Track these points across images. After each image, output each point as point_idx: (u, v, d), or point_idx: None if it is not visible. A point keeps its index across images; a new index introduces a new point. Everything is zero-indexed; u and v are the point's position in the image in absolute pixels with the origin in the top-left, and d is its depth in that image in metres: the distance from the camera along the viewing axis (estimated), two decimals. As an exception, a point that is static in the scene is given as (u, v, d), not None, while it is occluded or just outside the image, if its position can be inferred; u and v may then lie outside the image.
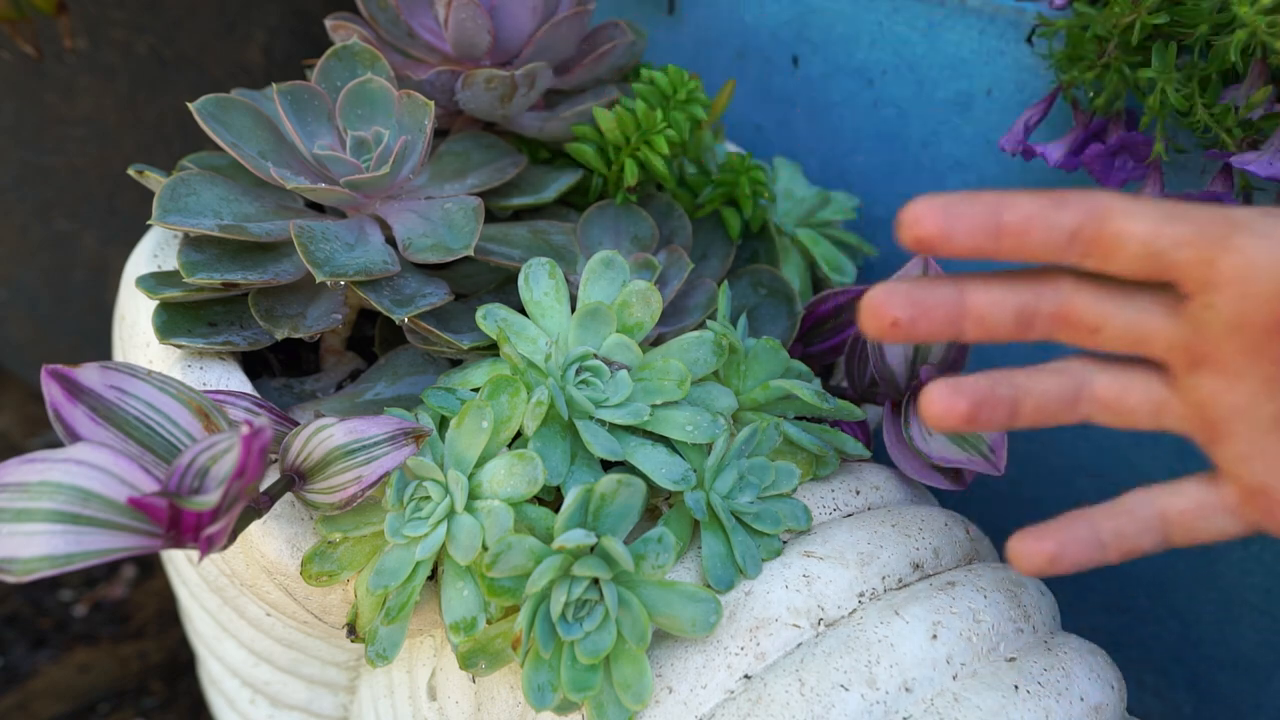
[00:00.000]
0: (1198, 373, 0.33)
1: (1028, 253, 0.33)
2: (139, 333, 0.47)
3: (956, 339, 0.35)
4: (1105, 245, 0.33)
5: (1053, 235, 0.33)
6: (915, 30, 0.59)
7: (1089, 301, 0.34)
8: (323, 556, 0.40)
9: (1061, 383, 0.36)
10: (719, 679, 0.37)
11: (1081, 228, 0.33)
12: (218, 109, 0.45)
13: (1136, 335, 0.34)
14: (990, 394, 0.36)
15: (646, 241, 0.51)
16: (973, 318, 0.35)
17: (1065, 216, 0.33)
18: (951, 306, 0.35)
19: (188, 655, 0.86)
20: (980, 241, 0.33)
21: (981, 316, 0.35)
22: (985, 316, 0.35)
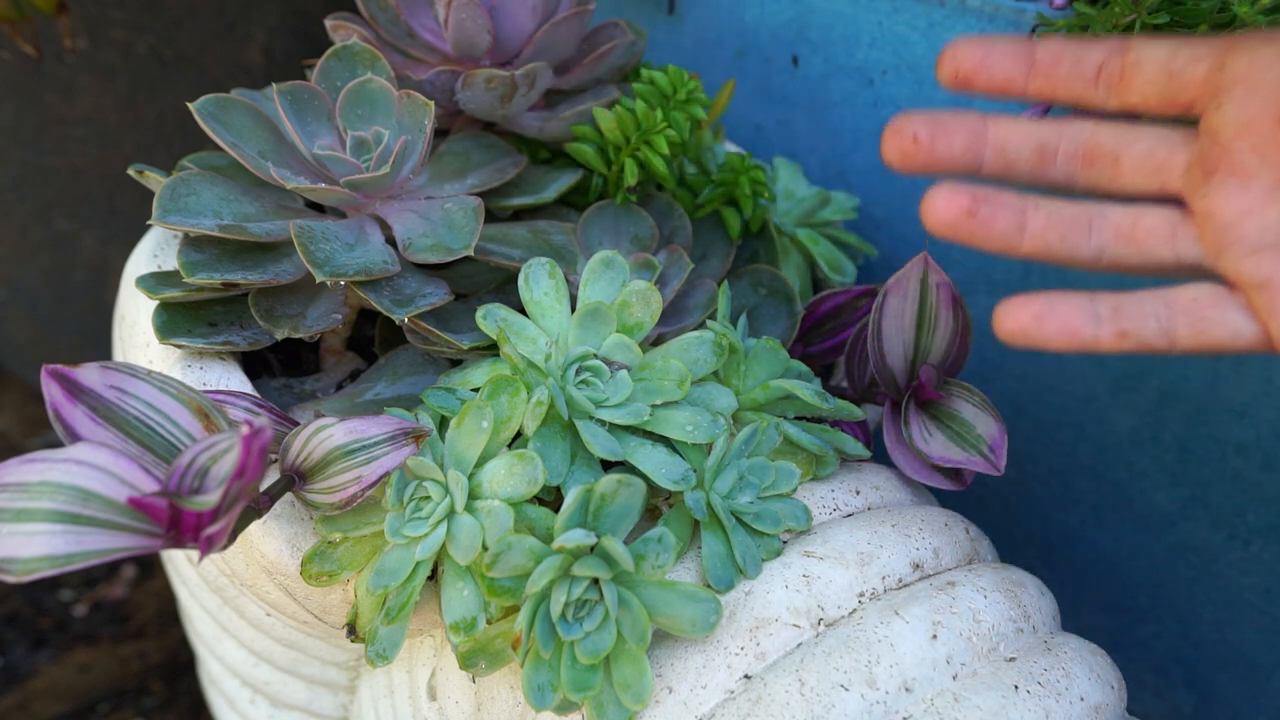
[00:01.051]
0: (1212, 180, 0.34)
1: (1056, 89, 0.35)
2: (139, 333, 0.47)
3: (973, 168, 0.36)
4: (1127, 74, 0.34)
5: (1079, 69, 0.34)
6: (915, 30, 0.59)
7: (1111, 134, 0.35)
8: (323, 556, 0.40)
9: (1077, 205, 0.36)
10: (719, 679, 0.37)
11: (1107, 60, 0.34)
12: (218, 109, 0.45)
13: (1156, 161, 0.35)
14: (996, 195, 0.36)
15: (646, 241, 0.51)
16: (994, 146, 0.36)
17: (1092, 52, 0.34)
18: (973, 132, 0.36)
19: (188, 655, 0.86)
20: (1012, 75, 0.35)
21: (1003, 146, 0.36)
22: (1006, 147, 0.36)
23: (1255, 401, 0.55)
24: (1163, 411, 0.59)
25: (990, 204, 0.35)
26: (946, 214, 0.35)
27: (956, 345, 0.48)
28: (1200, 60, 0.33)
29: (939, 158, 0.35)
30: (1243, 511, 0.59)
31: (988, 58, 0.34)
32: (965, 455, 0.45)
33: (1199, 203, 0.35)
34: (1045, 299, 0.36)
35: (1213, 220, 0.35)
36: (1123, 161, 0.36)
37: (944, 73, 0.35)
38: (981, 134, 0.36)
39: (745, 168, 0.53)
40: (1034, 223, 0.36)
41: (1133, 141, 0.35)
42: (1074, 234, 0.36)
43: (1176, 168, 0.35)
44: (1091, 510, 0.66)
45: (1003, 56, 0.34)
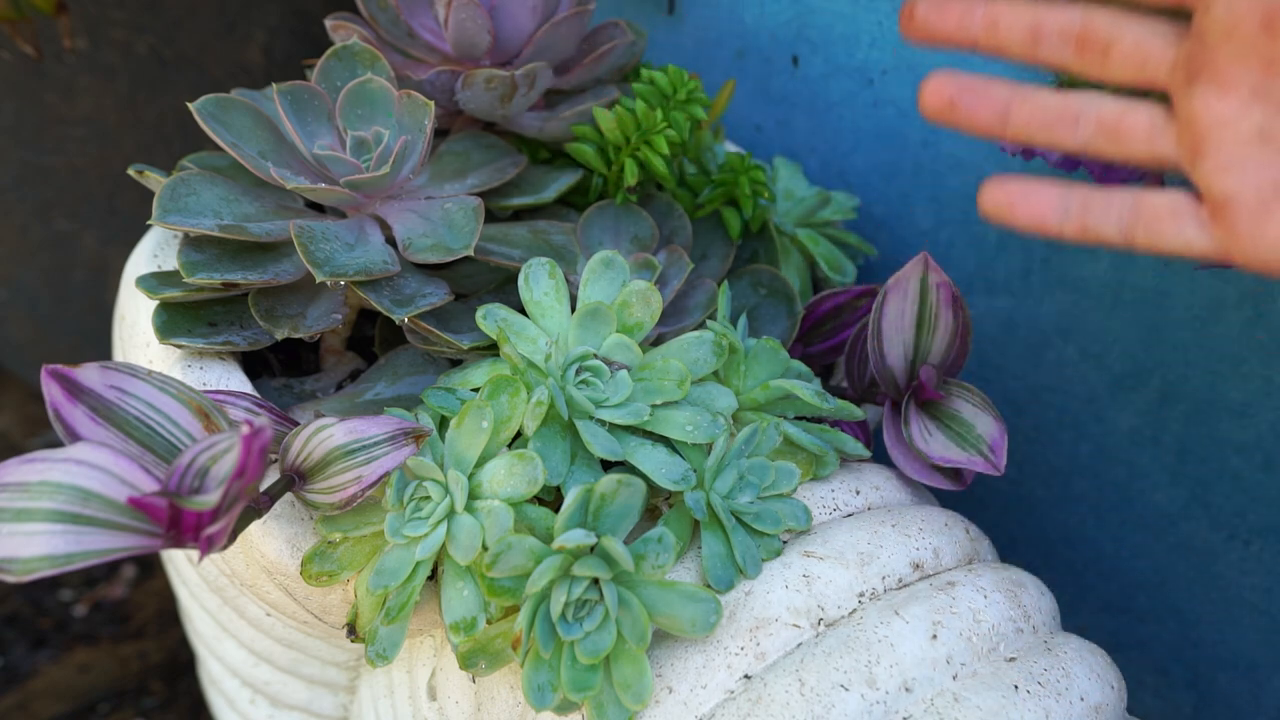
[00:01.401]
0: (1194, 85, 0.35)
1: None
2: (139, 333, 0.47)
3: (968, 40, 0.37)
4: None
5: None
6: (915, 30, 0.59)
7: (1105, 20, 0.36)
8: (323, 556, 0.40)
9: (1064, 100, 0.38)
10: (719, 679, 0.37)
11: None
12: (218, 109, 0.45)
13: (1144, 55, 0.36)
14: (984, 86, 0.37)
15: (646, 241, 0.51)
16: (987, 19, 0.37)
17: None
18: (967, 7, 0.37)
19: (188, 655, 0.86)
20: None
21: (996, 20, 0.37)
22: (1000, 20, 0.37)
23: (1255, 401, 0.55)
24: (1163, 411, 0.59)
25: (974, 94, 0.37)
26: (934, 100, 0.38)
27: (956, 345, 0.48)
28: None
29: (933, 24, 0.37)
30: (1243, 511, 0.59)
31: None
32: (965, 455, 0.45)
33: (1181, 105, 0.36)
34: (1025, 186, 0.38)
35: (1191, 126, 0.35)
36: (1112, 52, 0.36)
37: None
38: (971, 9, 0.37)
39: (745, 168, 0.53)
40: (1018, 113, 0.38)
41: (1124, 33, 0.36)
42: (1059, 127, 0.38)
43: (1164, 64, 0.36)
44: (1091, 510, 0.66)
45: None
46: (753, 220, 0.54)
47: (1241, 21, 0.33)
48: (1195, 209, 0.36)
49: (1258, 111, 0.34)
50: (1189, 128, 0.35)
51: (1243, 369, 0.55)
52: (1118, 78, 0.37)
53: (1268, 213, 0.34)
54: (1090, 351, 0.60)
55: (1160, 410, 0.59)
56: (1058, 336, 0.61)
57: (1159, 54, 0.36)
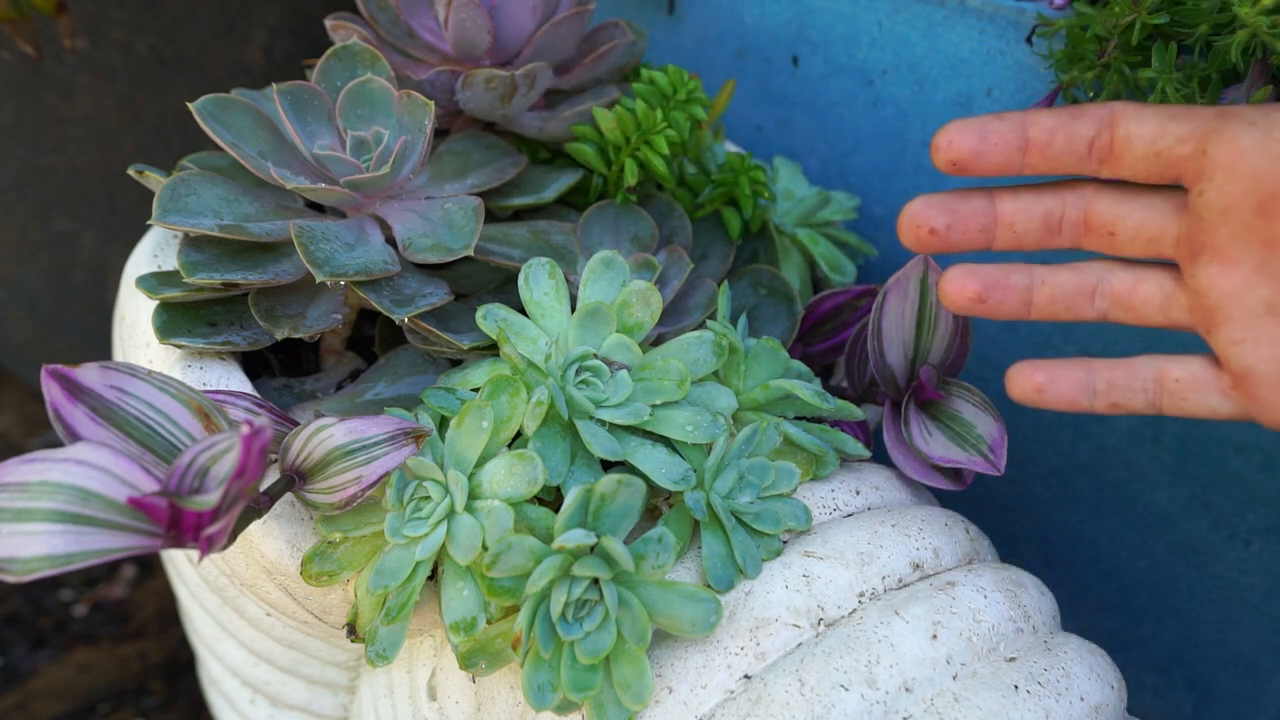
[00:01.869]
0: (1198, 261, 0.36)
1: (1051, 165, 0.36)
2: (139, 333, 0.47)
3: (987, 247, 0.38)
4: (1117, 149, 0.35)
5: (1073, 145, 0.35)
6: (915, 30, 0.59)
7: (1106, 204, 0.37)
8: (323, 556, 0.40)
9: (1079, 276, 0.39)
10: (719, 679, 0.37)
11: (1097, 135, 0.35)
12: (218, 109, 0.45)
13: (1148, 234, 0.37)
14: (1004, 279, 0.39)
15: (646, 241, 0.51)
16: (1004, 224, 0.38)
17: (1083, 126, 0.35)
18: (984, 215, 0.38)
19: (188, 655, 0.86)
20: (1009, 157, 0.36)
21: (1011, 223, 0.38)
22: (1015, 223, 0.38)
23: (1255, 401, 0.55)
24: (1163, 411, 0.59)
25: (998, 289, 0.39)
26: (960, 300, 0.39)
27: (956, 345, 0.48)
28: (1185, 142, 0.34)
29: (955, 244, 0.38)
30: (1243, 511, 0.59)
31: (984, 144, 0.35)
32: (965, 455, 0.45)
33: (1189, 279, 0.37)
34: (1049, 372, 0.40)
35: (1202, 299, 0.36)
36: (1118, 234, 0.37)
37: (940, 162, 0.36)
38: (991, 214, 0.38)
39: (745, 168, 0.53)
40: (1040, 298, 0.39)
41: (1127, 215, 0.37)
42: (1078, 303, 0.39)
43: (1169, 238, 0.37)
44: (1091, 510, 0.66)
45: (999, 142, 0.35)
46: (753, 220, 0.54)
47: (1236, 204, 0.34)
48: (1216, 379, 0.37)
49: (1263, 287, 0.34)
50: (1199, 300, 0.36)
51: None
52: (1128, 254, 0.38)
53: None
54: (1090, 352, 0.60)
55: (1160, 410, 0.59)
56: (1058, 336, 0.61)
57: (1163, 231, 0.36)
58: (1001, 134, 0.35)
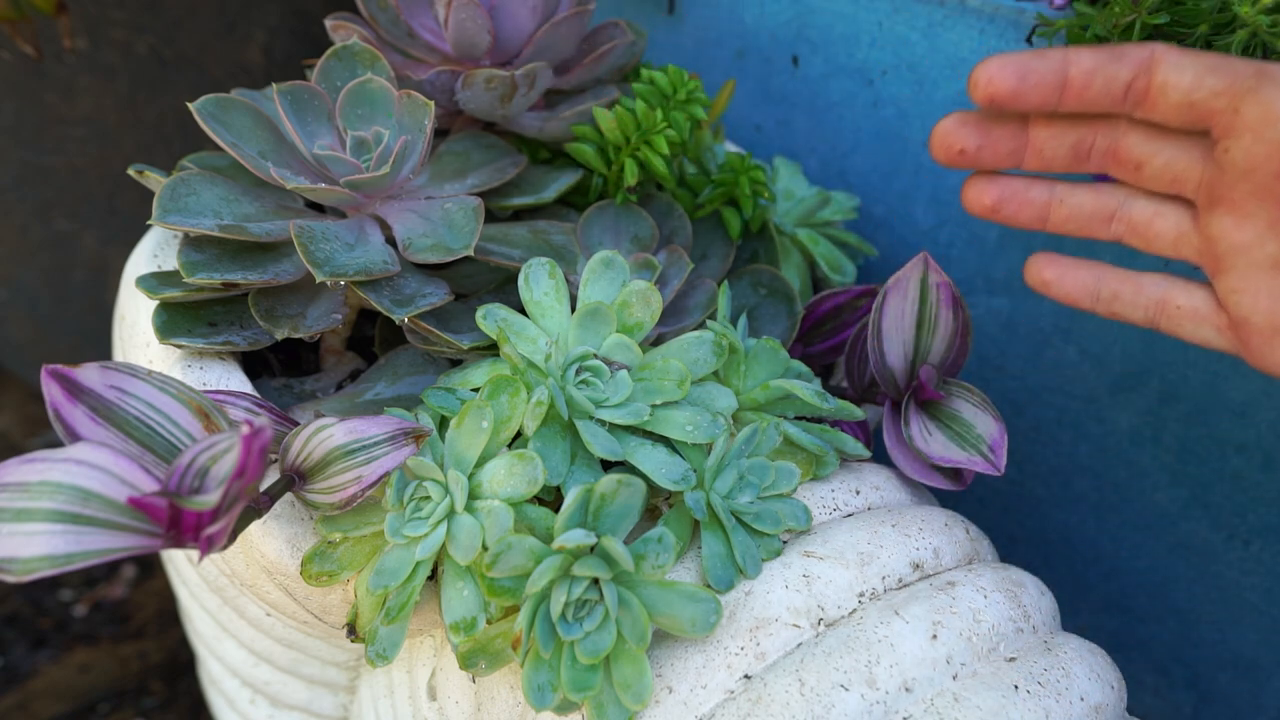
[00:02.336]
0: (1214, 211, 0.37)
1: (1088, 104, 0.37)
2: (139, 333, 0.47)
3: (1017, 166, 0.39)
4: (1153, 96, 0.36)
5: (1111, 87, 0.36)
6: (915, 30, 0.59)
7: (1137, 140, 0.38)
8: (323, 556, 0.40)
9: (1099, 199, 0.40)
10: (719, 679, 0.37)
11: (1135, 79, 0.36)
12: (218, 109, 0.45)
13: (1173, 174, 0.38)
14: (1023, 191, 0.40)
15: (646, 241, 0.51)
16: (1033, 149, 0.39)
17: (1122, 69, 0.36)
18: (1015, 139, 0.39)
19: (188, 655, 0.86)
20: (1046, 97, 0.36)
21: (1041, 149, 0.39)
22: (1045, 149, 0.39)
23: (1255, 401, 0.55)
24: (1163, 411, 0.59)
25: (1015, 200, 0.40)
26: (976, 206, 0.40)
27: (956, 345, 0.48)
28: (1219, 96, 0.35)
29: (983, 163, 0.39)
30: (1243, 511, 0.59)
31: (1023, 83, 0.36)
32: (965, 455, 0.45)
33: (1203, 224, 0.38)
34: (1063, 268, 0.41)
35: (1213, 245, 0.37)
36: (1144, 169, 0.38)
37: (978, 96, 0.36)
38: (1023, 138, 0.39)
39: (745, 168, 0.53)
40: (1057, 215, 0.40)
41: (1155, 153, 0.38)
42: (1094, 225, 0.40)
43: (1191, 181, 0.38)
44: (1091, 510, 0.66)
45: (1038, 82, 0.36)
46: (753, 220, 0.54)
47: (1259, 165, 0.34)
48: (1214, 316, 0.39)
49: (1272, 244, 0.36)
50: (1210, 244, 0.38)
51: (1243, 369, 0.55)
52: (1150, 189, 0.39)
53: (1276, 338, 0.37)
54: (1090, 351, 0.60)
55: (1160, 410, 0.59)
56: (1058, 336, 0.61)
57: (1187, 173, 0.37)
58: (1041, 74, 0.36)
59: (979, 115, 0.39)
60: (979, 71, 0.36)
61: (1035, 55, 0.36)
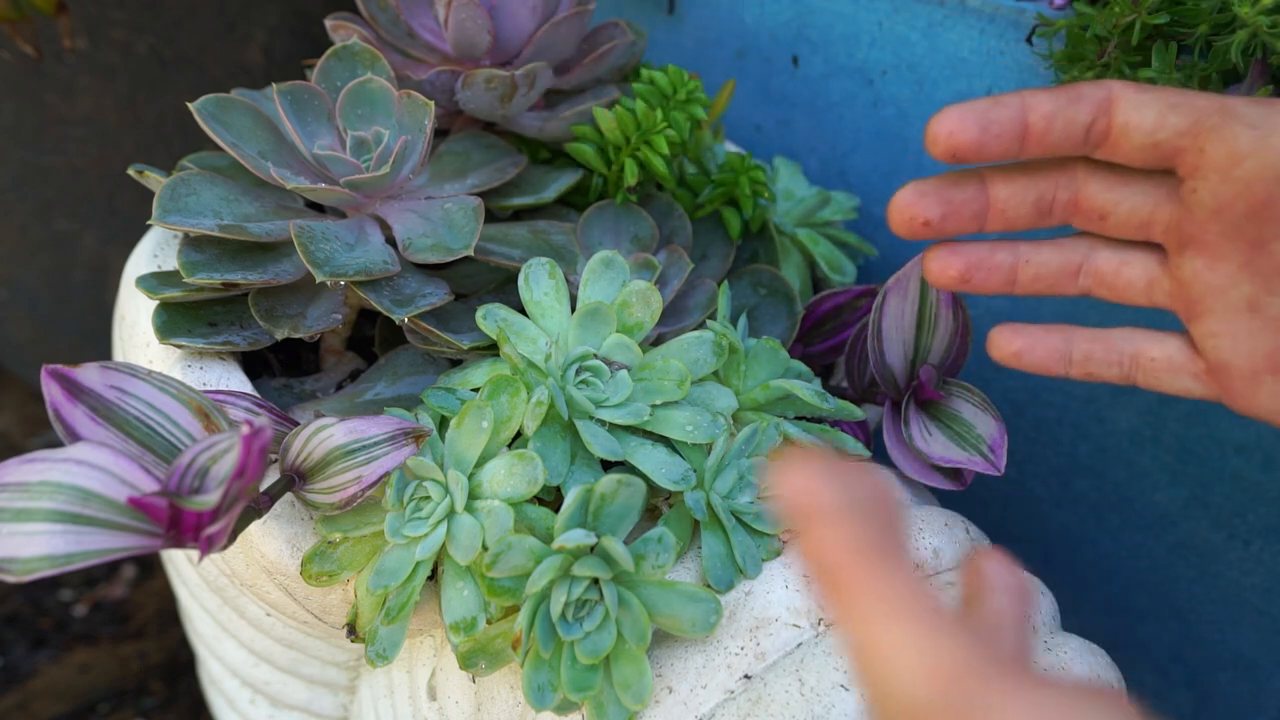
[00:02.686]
0: (1185, 253, 0.36)
1: (1049, 149, 0.35)
2: (139, 333, 0.47)
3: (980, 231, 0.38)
4: (1114, 137, 0.35)
5: (1071, 130, 0.35)
6: (915, 30, 0.59)
7: (1099, 189, 0.37)
8: (323, 556, 0.40)
9: (1064, 254, 0.39)
10: (719, 679, 0.37)
11: (1095, 120, 0.35)
12: (218, 109, 0.45)
13: (1139, 219, 0.37)
14: (988, 258, 0.38)
15: (646, 241, 0.51)
16: (995, 211, 0.37)
17: (1080, 111, 0.35)
18: (977, 202, 0.37)
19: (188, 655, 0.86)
20: (1008, 146, 0.35)
21: (1004, 209, 0.37)
22: (1007, 209, 0.38)
23: (1255, 401, 0.55)
24: (1163, 411, 0.59)
25: (982, 269, 0.39)
26: (942, 279, 0.39)
27: (956, 345, 0.48)
28: (1184, 136, 0.34)
29: (947, 232, 0.37)
30: (1243, 511, 0.58)
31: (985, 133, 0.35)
32: (965, 455, 0.45)
33: (1175, 267, 0.37)
34: (1028, 339, 0.40)
35: (1186, 289, 0.36)
36: (1109, 219, 0.37)
37: (939, 151, 0.35)
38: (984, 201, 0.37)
39: (745, 168, 0.53)
40: (1024, 276, 0.39)
41: (1119, 201, 0.37)
42: (1061, 282, 0.39)
43: (1159, 224, 0.37)
44: (1091, 510, 0.66)
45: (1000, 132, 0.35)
46: (753, 220, 0.54)
47: (1228, 205, 0.33)
48: (1191, 363, 0.38)
49: (1246, 284, 0.34)
50: (1183, 288, 0.36)
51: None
52: (1118, 236, 0.38)
53: (1259, 382, 0.35)
54: (1090, 351, 0.60)
55: (1160, 410, 0.59)
56: (1058, 336, 0.61)
57: (1153, 216, 0.36)
58: (1002, 124, 0.35)
59: (937, 183, 0.37)
60: (937, 126, 0.35)
61: (992, 103, 0.35)
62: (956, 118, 0.34)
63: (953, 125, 0.34)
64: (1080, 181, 0.37)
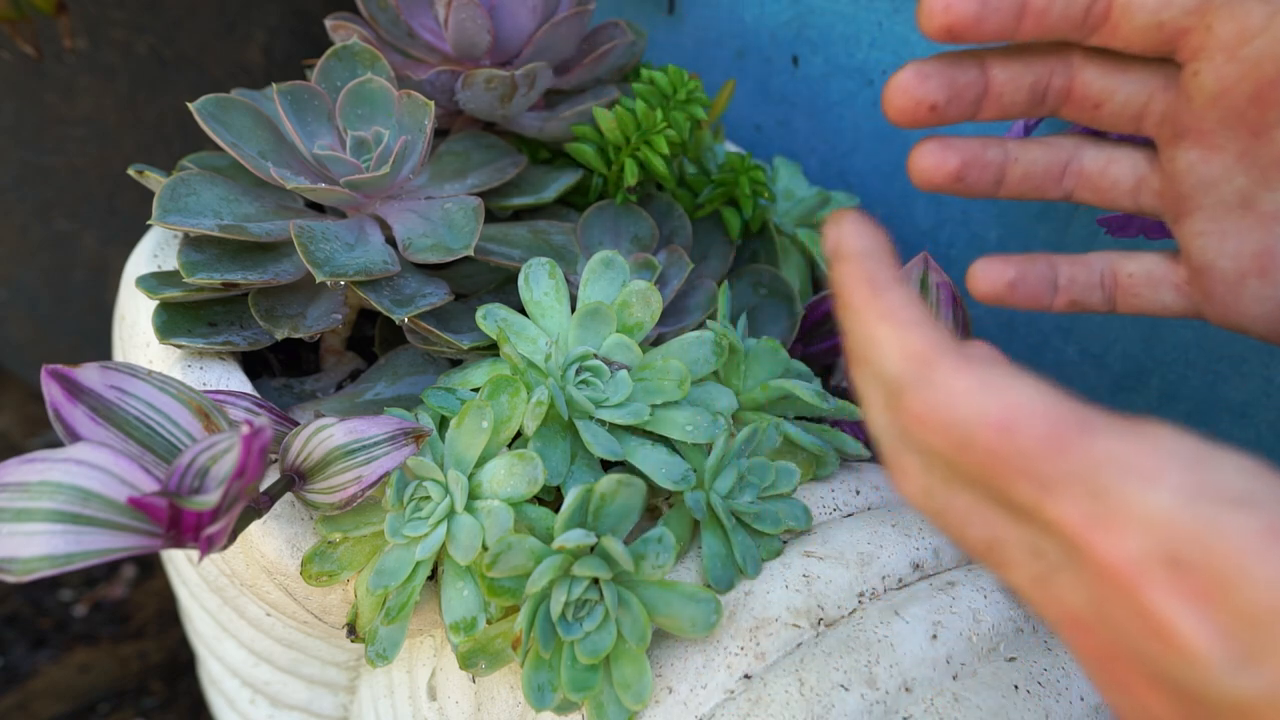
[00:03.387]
0: (1179, 145, 0.34)
1: (1046, 31, 0.34)
2: (139, 333, 0.47)
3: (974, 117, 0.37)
4: (1115, 17, 0.33)
5: (1070, 11, 0.33)
6: (915, 30, 0.59)
7: (1094, 75, 0.35)
8: (323, 556, 0.40)
9: (1050, 154, 0.38)
10: (719, 679, 0.37)
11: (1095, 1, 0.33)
12: (218, 109, 0.45)
13: (1134, 109, 0.35)
14: (980, 154, 0.37)
15: (646, 241, 0.51)
16: (993, 95, 0.36)
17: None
18: (978, 86, 0.36)
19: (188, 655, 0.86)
20: (1004, 24, 0.34)
21: (1000, 93, 0.36)
22: (1004, 94, 0.36)
23: (1255, 401, 0.55)
24: (1163, 411, 0.59)
25: (976, 166, 0.37)
26: (937, 176, 0.37)
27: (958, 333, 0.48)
28: (1190, 14, 0.32)
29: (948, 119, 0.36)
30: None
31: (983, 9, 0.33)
32: (965, 455, 0.45)
33: (1166, 161, 0.35)
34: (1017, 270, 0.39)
35: (1175, 184, 0.35)
36: (1103, 107, 0.36)
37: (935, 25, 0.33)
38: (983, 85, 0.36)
39: (745, 168, 0.53)
40: (1011, 175, 0.38)
41: (1115, 89, 0.35)
42: (1046, 185, 0.38)
43: (1153, 115, 0.35)
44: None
45: (997, 7, 0.33)
46: (753, 220, 0.54)
47: (1231, 88, 0.32)
48: (1171, 274, 0.37)
49: (1241, 176, 0.33)
50: (1172, 184, 0.35)
51: (1243, 369, 0.55)
52: (1110, 129, 0.37)
53: (1243, 284, 0.34)
54: (1090, 351, 0.60)
55: (1160, 410, 0.59)
56: (1058, 336, 0.61)
57: (1148, 106, 0.35)
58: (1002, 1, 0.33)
59: (938, 64, 0.35)
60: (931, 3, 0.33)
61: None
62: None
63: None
64: (1076, 68, 0.36)
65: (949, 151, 0.36)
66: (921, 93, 0.35)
